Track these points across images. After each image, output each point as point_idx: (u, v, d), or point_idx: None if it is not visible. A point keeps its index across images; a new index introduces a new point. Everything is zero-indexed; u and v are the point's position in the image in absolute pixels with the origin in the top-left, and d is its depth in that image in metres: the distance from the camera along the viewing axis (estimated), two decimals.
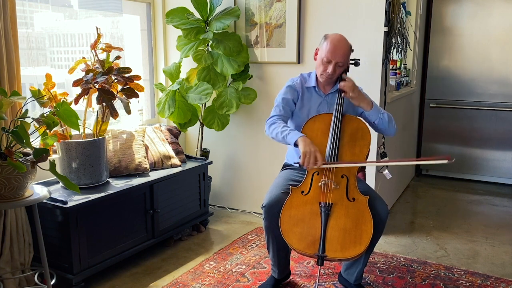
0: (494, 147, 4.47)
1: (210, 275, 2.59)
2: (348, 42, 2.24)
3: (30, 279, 2.36)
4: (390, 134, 2.33)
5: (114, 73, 2.48)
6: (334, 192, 2.10)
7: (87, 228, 2.36)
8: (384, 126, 2.27)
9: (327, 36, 2.24)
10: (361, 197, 2.09)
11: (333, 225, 2.04)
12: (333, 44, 2.19)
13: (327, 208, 2.06)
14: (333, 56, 2.19)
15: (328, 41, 2.21)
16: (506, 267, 2.73)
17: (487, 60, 4.39)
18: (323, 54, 2.21)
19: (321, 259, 2.00)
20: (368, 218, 2.04)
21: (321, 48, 2.24)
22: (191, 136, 3.80)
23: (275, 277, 2.41)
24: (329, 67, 2.21)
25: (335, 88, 2.32)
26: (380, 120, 2.25)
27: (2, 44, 2.19)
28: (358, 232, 2.03)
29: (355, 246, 2.01)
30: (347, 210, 2.07)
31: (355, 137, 2.20)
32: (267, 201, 2.16)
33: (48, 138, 2.14)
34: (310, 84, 2.35)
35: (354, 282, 2.36)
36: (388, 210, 2.16)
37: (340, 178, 2.13)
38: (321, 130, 2.22)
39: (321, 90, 2.35)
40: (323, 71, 2.24)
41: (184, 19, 3.16)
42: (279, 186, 2.23)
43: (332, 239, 2.02)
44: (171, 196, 2.92)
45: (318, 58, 2.28)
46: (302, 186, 2.15)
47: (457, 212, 3.73)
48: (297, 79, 2.38)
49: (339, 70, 2.24)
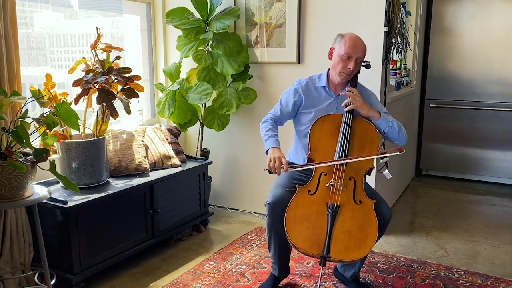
0: (494, 147, 4.47)
1: (210, 275, 2.59)
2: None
3: (30, 279, 2.36)
4: (401, 142, 2.29)
5: (114, 73, 2.48)
6: (342, 194, 2.10)
7: (87, 228, 2.36)
8: (394, 135, 2.25)
9: (344, 34, 2.24)
10: (367, 200, 2.10)
11: (339, 227, 2.04)
12: (353, 40, 2.20)
13: (334, 210, 2.06)
14: (354, 51, 2.19)
15: (346, 38, 2.22)
16: (506, 267, 2.73)
17: (487, 60, 4.39)
18: (342, 51, 2.20)
19: (324, 260, 2.00)
20: (374, 222, 2.05)
21: (339, 46, 2.23)
22: (191, 136, 3.80)
23: (275, 275, 2.41)
24: (350, 63, 2.20)
25: (346, 89, 2.32)
26: (390, 129, 2.23)
27: (2, 44, 2.19)
28: (363, 235, 2.03)
29: (359, 249, 2.01)
30: (353, 213, 2.07)
31: (365, 139, 2.20)
32: (271, 199, 2.16)
33: (48, 138, 2.14)
34: (321, 84, 2.34)
35: (351, 277, 2.38)
36: (391, 214, 2.17)
37: (348, 180, 2.13)
38: (330, 130, 2.22)
39: (332, 91, 2.33)
40: (342, 68, 2.22)
41: (184, 19, 3.16)
42: (284, 184, 2.23)
43: (337, 241, 2.02)
44: (171, 196, 2.92)
45: (335, 56, 2.26)
46: (308, 186, 2.15)
47: (457, 212, 3.73)
48: (304, 81, 2.37)
49: (358, 66, 2.24)
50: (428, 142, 4.79)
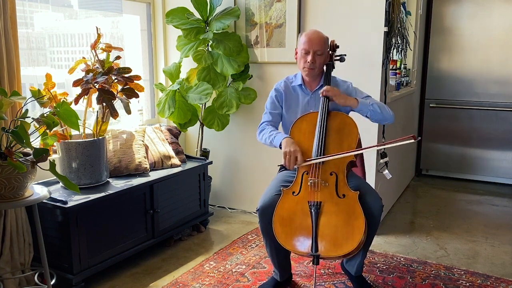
0: (494, 147, 4.47)
1: (210, 275, 2.59)
2: (323, 34, 2.32)
3: (30, 279, 2.36)
4: (388, 121, 2.30)
5: (114, 73, 2.48)
6: (323, 190, 2.11)
7: (87, 228, 2.36)
8: (378, 117, 2.26)
9: (302, 33, 2.35)
10: (351, 193, 2.09)
11: (324, 223, 2.05)
12: (308, 36, 2.29)
13: (316, 207, 2.07)
14: (309, 45, 2.27)
15: (302, 35, 2.33)
16: (506, 267, 2.73)
17: (487, 60, 4.39)
18: (300, 48, 2.31)
19: (316, 258, 2.01)
20: (359, 213, 2.04)
21: (298, 44, 2.35)
22: (191, 136, 3.80)
23: (276, 279, 2.41)
24: (308, 56, 2.27)
25: (320, 84, 2.37)
26: (372, 112, 2.24)
27: (2, 44, 2.19)
28: (349, 228, 2.03)
29: (347, 243, 2.01)
30: (337, 207, 2.07)
31: (342, 133, 2.21)
32: (260, 204, 2.19)
33: (48, 138, 2.14)
34: (296, 83, 2.41)
35: (355, 273, 2.38)
36: (382, 204, 2.15)
37: (329, 175, 2.13)
38: (309, 129, 2.24)
39: (308, 88, 2.39)
40: (304, 63, 2.30)
41: (184, 19, 3.16)
42: (272, 188, 2.25)
43: (324, 238, 2.03)
44: (171, 196, 2.92)
45: (298, 55, 2.36)
46: (293, 187, 2.17)
47: (457, 212, 3.73)
48: (281, 82, 2.45)
49: (319, 59, 2.29)
50: (428, 142, 4.79)
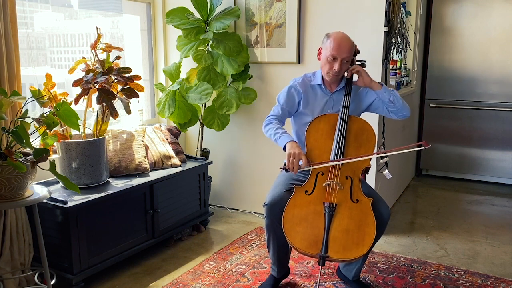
0: (494, 147, 4.47)
1: (210, 275, 2.59)
2: (351, 39, 2.25)
3: (30, 279, 2.36)
4: (406, 111, 2.29)
5: (114, 73, 2.48)
6: (338, 193, 2.10)
7: (87, 228, 2.36)
8: (399, 104, 2.24)
9: (330, 35, 2.24)
10: (364, 199, 2.09)
11: (336, 226, 2.04)
12: (337, 42, 2.19)
13: (331, 209, 2.06)
14: (338, 53, 2.18)
15: (331, 39, 2.21)
16: (506, 267, 2.73)
17: (487, 60, 4.39)
18: (328, 53, 2.21)
19: (323, 259, 2.00)
20: (371, 220, 2.04)
21: (325, 47, 2.23)
22: (191, 136, 3.80)
23: (274, 276, 2.41)
24: (335, 64, 2.20)
25: (341, 86, 2.32)
26: (395, 97, 2.23)
27: (2, 44, 2.19)
28: (361, 234, 2.03)
29: (357, 248, 2.01)
30: (350, 212, 2.07)
31: (361, 138, 2.20)
32: (269, 200, 2.16)
33: (48, 138, 2.14)
34: (316, 82, 2.34)
35: (353, 278, 2.38)
36: (390, 212, 2.17)
37: (345, 179, 2.13)
38: (326, 130, 2.21)
39: (327, 88, 2.34)
40: (329, 69, 2.23)
41: (184, 19, 3.16)
42: (281, 184, 2.23)
43: (335, 240, 2.02)
44: (171, 196, 2.92)
45: (322, 57, 2.27)
46: (305, 186, 2.15)
47: (457, 212, 3.73)
48: (300, 79, 2.38)
49: (345, 66, 2.24)
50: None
